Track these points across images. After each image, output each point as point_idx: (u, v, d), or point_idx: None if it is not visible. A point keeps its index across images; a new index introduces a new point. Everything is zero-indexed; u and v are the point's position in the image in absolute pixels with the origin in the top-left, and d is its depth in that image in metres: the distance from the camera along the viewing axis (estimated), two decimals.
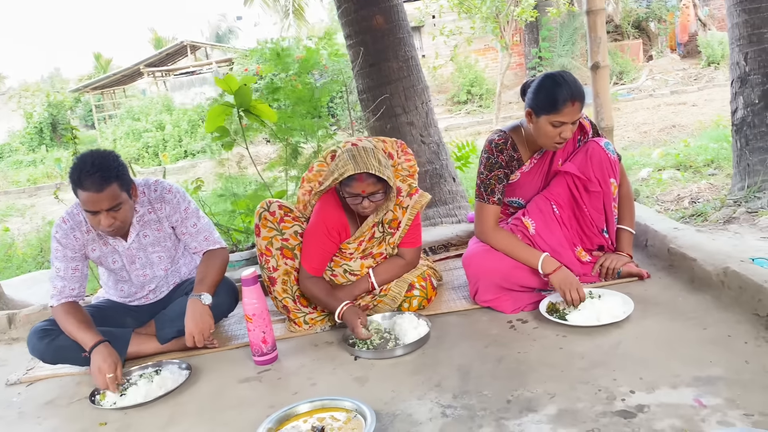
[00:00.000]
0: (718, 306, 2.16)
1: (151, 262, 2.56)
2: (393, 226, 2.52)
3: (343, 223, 2.48)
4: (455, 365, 2.06)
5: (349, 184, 2.29)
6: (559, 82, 2.27)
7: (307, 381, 2.12)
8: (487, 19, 11.45)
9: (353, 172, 2.24)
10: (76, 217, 2.42)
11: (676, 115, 10.37)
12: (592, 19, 3.33)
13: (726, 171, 5.70)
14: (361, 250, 2.53)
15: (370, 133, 4.08)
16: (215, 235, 2.61)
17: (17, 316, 3.11)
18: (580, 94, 2.27)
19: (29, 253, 6.22)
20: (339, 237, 2.48)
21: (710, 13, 17.24)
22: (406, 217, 2.50)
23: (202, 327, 2.37)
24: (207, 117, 3.75)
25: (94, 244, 2.46)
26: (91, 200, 2.19)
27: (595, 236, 2.55)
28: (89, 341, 2.28)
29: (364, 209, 2.34)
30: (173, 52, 22.58)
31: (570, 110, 2.26)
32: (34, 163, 17.14)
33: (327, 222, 2.44)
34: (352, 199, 2.33)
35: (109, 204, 2.22)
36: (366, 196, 2.29)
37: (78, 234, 2.42)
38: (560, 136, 2.31)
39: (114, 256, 2.50)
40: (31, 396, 2.38)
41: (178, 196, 2.52)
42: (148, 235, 2.51)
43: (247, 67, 15.00)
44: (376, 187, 2.29)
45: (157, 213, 2.50)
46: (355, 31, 3.99)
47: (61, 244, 2.40)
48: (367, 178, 2.27)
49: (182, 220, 2.52)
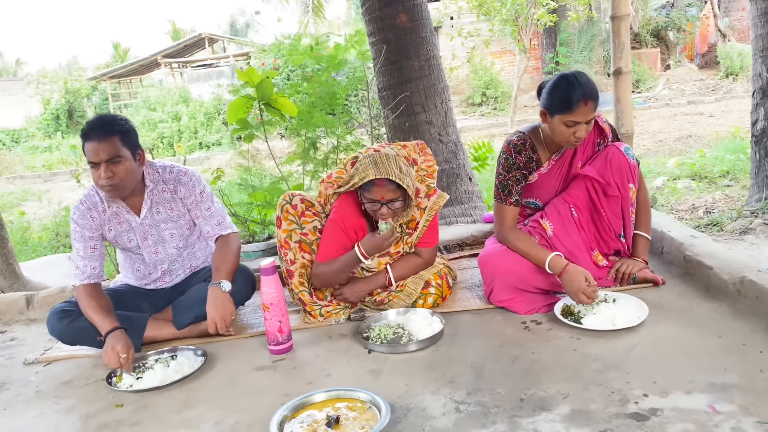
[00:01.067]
0: (733, 314, 2.16)
1: (162, 239, 2.60)
2: (411, 226, 2.54)
3: (361, 224, 2.50)
4: (469, 362, 2.07)
5: (369, 189, 2.31)
6: (573, 82, 2.29)
7: (322, 371, 2.14)
8: (506, 22, 11.42)
9: (373, 176, 2.27)
10: (92, 198, 2.50)
11: (692, 125, 10.30)
12: (617, 25, 3.33)
13: (742, 183, 5.67)
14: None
15: (389, 130, 4.10)
16: (227, 220, 2.65)
17: (35, 298, 3.16)
18: (593, 94, 2.29)
19: (44, 237, 6.29)
20: (356, 236, 2.49)
21: (731, 24, 17.10)
22: (423, 218, 2.52)
23: (224, 313, 2.40)
24: (228, 109, 3.78)
25: (110, 224, 2.52)
26: (92, 150, 2.29)
27: (612, 241, 2.55)
28: (106, 326, 2.32)
29: (382, 216, 2.35)
30: (191, 44, 22.69)
31: (583, 110, 2.28)
32: (50, 149, 17.28)
33: (345, 220, 2.47)
34: (370, 205, 2.36)
35: (108, 155, 2.29)
36: (385, 202, 2.32)
37: (94, 214, 2.49)
38: (575, 136, 2.33)
39: (129, 234, 2.55)
40: (49, 375, 2.42)
41: (193, 179, 2.58)
42: (161, 212, 2.56)
43: (264, 61, 15.04)
44: (395, 195, 2.31)
45: (172, 193, 2.56)
46: (378, 29, 4.01)
47: (78, 225, 2.48)
48: (387, 184, 2.29)
49: (197, 203, 2.58)
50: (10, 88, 23.49)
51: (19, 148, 18.21)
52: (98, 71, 23.78)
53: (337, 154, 3.99)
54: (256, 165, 4.53)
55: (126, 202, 2.50)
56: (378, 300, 2.56)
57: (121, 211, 2.51)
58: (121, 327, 2.33)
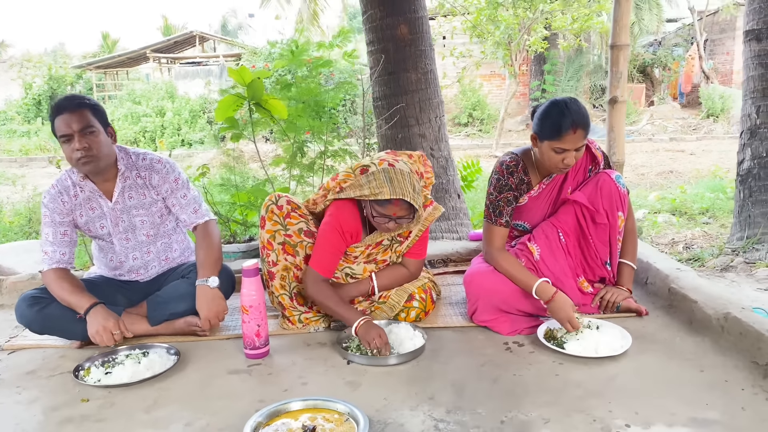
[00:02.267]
0: (715, 350, 2.16)
1: (133, 226, 2.53)
2: (403, 235, 2.51)
3: (357, 228, 2.46)
4: (449, 380, 2.04)
5: (383, 205, 2.27)
6: (563, 109, 2.28)
7: (298, 379, 2.09)
8: (499, 45, 11.53)
9: (389, 196, 2.22)
10: (65, 182, 2.45)
11: (673, 162, 10.48)
12: (616, 54, 3.36)
13: (720, 221, 5.76)
14: (366, 255, 2.51)
15: (381, 140, 4.08)
16: (204, 207, 2.59)
17: (4, 283, 3.05)
18: (583, 122, 2.27)
19: (16, 222, 6.13)
20: (351, 239, 2.46)
21: (715, 66, 17.52)
22: (416, 228, 2.50)
23: (217, 310, 2.37)
24: (218, 106, 3.73)
25: (81, 209, 2.46)
26: (64, 122, 2.27)
27: (598, 268, 2.55)
28: (84, 303, 2.27)
29: (388, 229, 2.34)
30: (181, 40, 22.53)
31: (572, 138, 2.26)
32: (27, 135, 16.94)
33: (343, 224, 2.41)
34: (379, 219, 2.31)
35: (80, 125, 2.27)
36: (396, 218, 2.30)
37: (66, 198, 2.43)
38: (563, 162, 2.32)
39: (102, 221, 2.49)
40: (12, 365, 2.32)
41: (167, 166, 2.53)
42: (133, 197, 2.50)
43: (255, 64, 14.97)
44: (407, 212, 2.29)
45: (145, 180, 2.50)
46: (378, 38, 4.00)
47: (49, 209, 2.42)
48: (402, 204, 2.26)
49: (172, 190, 2.52)
50: None
51: None
52: (85, 60, 23.45)
53: (324, 160, 3.95)
54: (240, 165, 4.47)
55: (98, 186, 2.44)
56: (360, 310, 2.51)
57: (93, 195, 2.45)
58: (101, 302, 2.27)
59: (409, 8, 3.96)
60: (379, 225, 2.34)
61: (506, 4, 10.97)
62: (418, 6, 4.00)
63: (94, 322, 2.24)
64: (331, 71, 4.08)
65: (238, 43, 23.20)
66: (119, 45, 28.41)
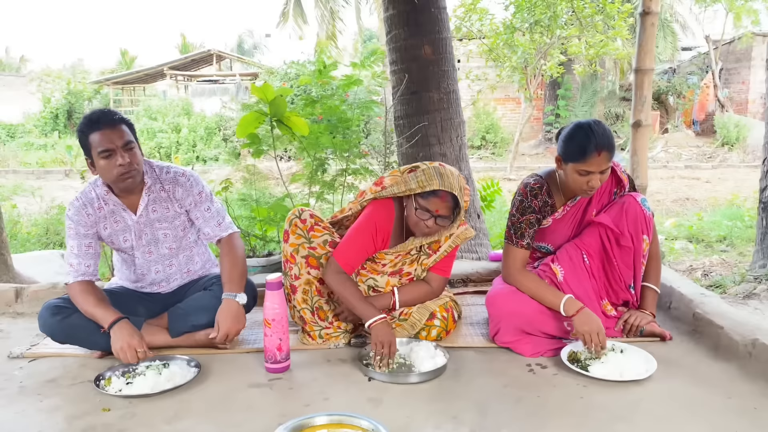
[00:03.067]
0: (743, 377, 2.12)
1: (156, 239, 2.53)
2: (433, 248, 2.51)
3: (389, 231, 2.47)
4: (472, 400, 2.02)
5: (428, 198, 2.31)
6: (587, 132, 2.27)
7: (320, 394, 2.07)
8: (515, 69, 11.59)
9: (438, 187, 2.27)
10: (89, 195, 2.45)
11: (689, 189, 10.43)
12: (640, 78, 3.37)
13: (739, 249, 5.71)
14: (393, 264, 2.52)
15: (401, 159, 4.10)
16: (227, 220, 2.60)
17: (25, 291, 3.06)
18: (608, 144, 2.26)
19: (34, 232, 6.18)
20: (381, 244, 2.46)
21: (730, 95, 17.50)
22: (447, 244, 2.49)
23: (238, 327, 2.37)
24: (239, 122, 3.76)
25: (105, 222, 2.46)
26: (106, 137, 2.27)
27: (622, 291, 2.52)
28: (109, 318, 2.27)
29: (428, 228, 2.35)
30: (199, 58, 22.86)
31: (597, 160, 2.26)
32: (45, 147, 17.15)
33: (378, 223, 2.43)
34: (421, 214, 2.33)
35: (122, 139, 2.29)
36: (437, 216, 2.31)
37: (90, 210, 2.43)
38: (588, 185, 2.31)
39: (125, 234, 2.49)
40: (33, 372, 2.33)
41: (191, 179, 2.54)
42: (157, 210, 2.50)
43: (272, 83, 15.13)
44: (449, 211, 2.33)
45: (168, 193, 2.51)
46: (402, 58, 4.04)
47: (73, 221, 2.41)
48: (448, 199, 2.30)
49: (196, 203, 2.53)
50: (12, 83, 23.41)
51: (14, 143, 18.06)
52: (103, 75, 23.84)
53: (345, 177, 3.96)
54: (259, 181, 4.49)
55: (123, 200, 2.45)
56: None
57: (117, 209, 2.45)
58: (125, 317, 2.28)
59: (434, 29, 4.00)
60: (417, 224, 2.35)
61: (523, 29, 11.04)
62: (442, 27, 4.04)
63: (119, 339, 2.23)
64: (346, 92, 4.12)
65: (254, 62, 23.50)
66: (137, 62, 28.86)
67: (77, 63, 36.50)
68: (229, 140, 16.03)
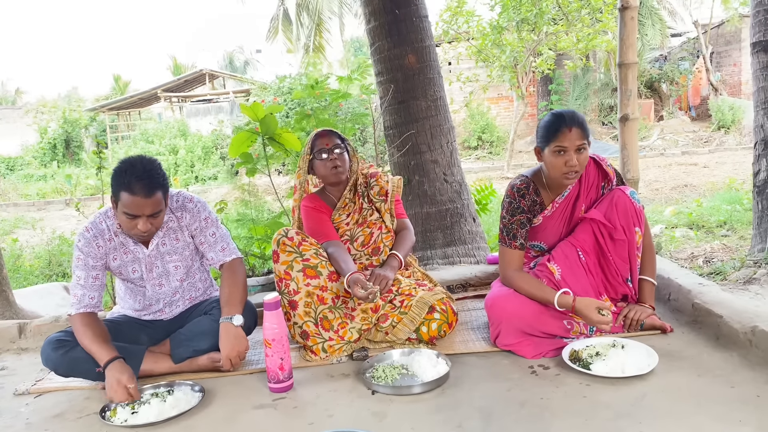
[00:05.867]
0: (744, 365, 2.12)
1: (167, 272, 2.55)
2: (381, 194, 2.81)
3: (325, 206, 2.79)
4: (476, 406, 2.02)
5: (316, 146, 2.71)
6: (557, 114, 2.41)
7: (324, 412, 2.08)
8: (505, 68, 11.61)
9: (314, 137, 2.74)
10: (99, 226, 2.43)
11: (687, 175, 10.41)
12: (624, 72, 3.38)
13: (739, 233, 5.69)
14: (355, 221, 2.80)
15: (394, 168, 4.12)
16: (232, 245, 2.61)
17: (28, 326, 3.08)
18: (577, 120, 2.37)
19: (36, 265, 6.19)
20: (324, 211, 2.78)
21: (722, 78, 17.51)
22: (390, 188, 2.82)
23: (240, 349, 2.38)
24: (232, 142, 3.79)
25: (115, 253, 2.46)
26: (136, 204, 2.23)
27: (620, 285, 2.53)
28: (104, 356, 2.26)
29: (335, 164, 2.69)
30: (191, 79, 22.94)
31: (569, 136, 2.34)
32: (44, 178, 17.21)
33: (315, 208, 2.76)
34: (319, 159, 2.70)
35: (153, 210, 2.26)
36: (332, 148, 2.69)
37: (100, 242, 2.42)
38: (567, 165, 2.35)
39: (134, 264, 2.50)
40: (39, 408, 2.34)
41: (198, 205, 2.55)
42: (167, 244, 2.51)
43: (264, 98, 15.18)
44: (335, 140, 2.72)
45: (179, 222, 2.52)
46: (387, 69, 4.06)
47: (83, 252, 2.40)
48: (326, 134, 2.74)
49: (201, 229, 2.54)
50: (8, 116, 23.53)
51: (13, 175, 18.14)
52: (97, 102, 23.92)
53: None
54: (255, 199, 4.51)
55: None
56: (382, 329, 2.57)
57: (128, 241, 2.46)
58: (120, 357, 2.27)
59: (416, 38, 4.03)
60: (325, 169, 2.71)
61: (510, 28, 11.07)
62: (424, 36, 4.07)
63: (111, 377, 2.21)
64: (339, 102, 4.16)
65: (247, 79, 23.57)
66: (131, 86, 29.01)
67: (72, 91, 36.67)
68: (226, 158, 16.07)
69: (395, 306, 2.57)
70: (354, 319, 2.58)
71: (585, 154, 2.38)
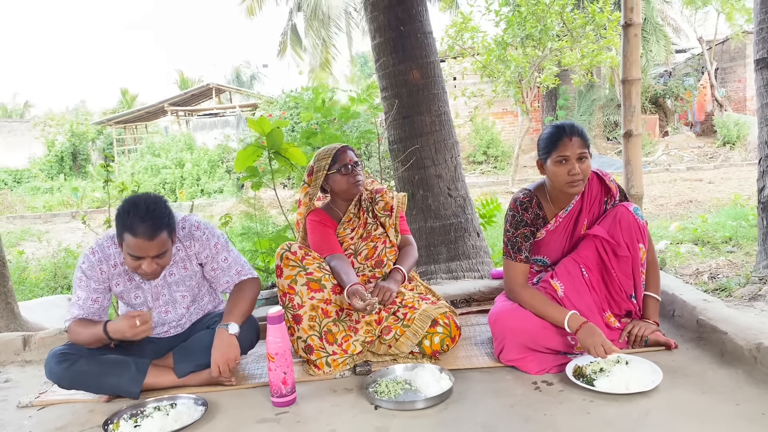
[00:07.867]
0: (750, 382, 2.11)
1: (174, 300, 2.55)
2: (386, 209, 2.84)
3: (330, 221, 2.80)
4: (479, 422, 2.01)
5: (337, 162, 2.70)
6: (557, 125, 2.42)
7: (327, 426, 2.07)
8: (509, 84, 11.66)
9: (333, 152, 2.71)
10: (106, 250, 2.41)
11: (692, 191, 10.39)
12: (627, 88, 3.39)
13: (745, 249, 5.67)
14: (360, 235, 2.81)
15: (398, 182, 4.13)
16: (247, 267, 2.59)
17: (33, 339, 3.09)
18: (577, 130, 2.39)
19: (42, 277, 6.21)
20: (330, 225, 2.79)
21: (727, 94, 17.53)
22: (395, 203, 2.85)
23: (228, 357, 2.35)
24: (237, 157, 3.81)
25: (119, 279, 2.45)
26: (139, 246, 2.19)
27: (624, 302, 2.52)
28: (99, 328, 2.31)
29: (356, 177, 2.70)
30: (198, 93, 23.08)
31: (569, 144, 2.35)
32: (51, 191, 17.32)
33: (320, 221, 2.76)
34: (342, 178, 2.69)
35: (157, 252, 2.23)
36: (351, 164, 2.69)
37: (105, 267, 2.41)
38: (570, 174, 2.35)
39: (137, 291, 2.50)
40: (43, 420, 2.34)
41: (207, 232, 2.51)
42: (174, 274, 2.50)
43: (271, 113, 15.27)
44: (356, 159, 2.73)
45: (186, 251, 2.49)
46: (391, 84, 4.10)
47: (86, 275, 2.39)
48: (345, 150, 2.73)
49: (212, 256, 2.51)
50: (16, 129, 23.73)
51: (21, 188, 18.26)
52: (105, 116, 24.10)
53: None
54: (260, 212, 4.53)
55: None
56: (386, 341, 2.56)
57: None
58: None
59: (421, 54, 4.06)
60: (347, 182, 2.70)
61: (515, 44, 11.13)
62: (428, 51, 4.10)
63: (118, 323, 2.26)
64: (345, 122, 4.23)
65: (253, 93, 23.71)
66: (138, 100, 29.18)
67: (80, 105, 36.94)
68: (232, 172, 16.14)
69: (398, 318, 2.57)
70: (358, 332, 2.58)
71: (587, 163, 2.39)
